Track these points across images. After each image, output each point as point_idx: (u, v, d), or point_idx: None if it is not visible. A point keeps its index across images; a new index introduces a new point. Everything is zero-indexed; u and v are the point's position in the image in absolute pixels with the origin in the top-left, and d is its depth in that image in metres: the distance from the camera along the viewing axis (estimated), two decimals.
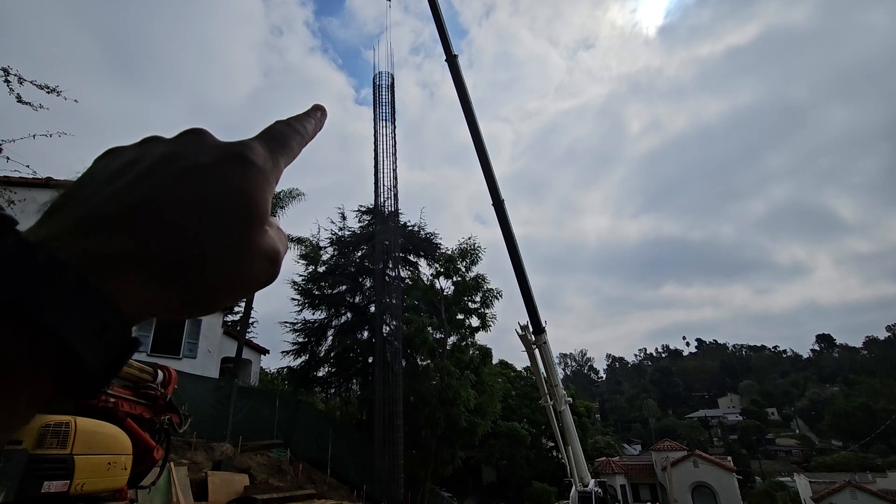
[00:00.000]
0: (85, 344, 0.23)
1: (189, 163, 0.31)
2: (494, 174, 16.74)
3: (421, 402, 19.14)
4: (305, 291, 24.18)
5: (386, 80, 20.48)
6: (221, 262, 0.29)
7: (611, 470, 33.80)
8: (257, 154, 0.33)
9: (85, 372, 0.24)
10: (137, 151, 0.33)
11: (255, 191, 0.32)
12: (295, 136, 0.39)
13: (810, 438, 74.23)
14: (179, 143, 0.33)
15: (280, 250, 0.34)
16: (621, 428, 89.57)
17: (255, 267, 0.32)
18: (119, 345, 0.25)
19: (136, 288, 0.26)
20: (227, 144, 0.34)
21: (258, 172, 0.32)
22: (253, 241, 0.31)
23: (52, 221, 0.28)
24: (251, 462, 14.05)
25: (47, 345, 0.22)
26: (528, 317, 16.69)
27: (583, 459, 17.01)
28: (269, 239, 0.33)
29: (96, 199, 0.29)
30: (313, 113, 0.45)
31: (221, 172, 0.31)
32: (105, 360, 0.24)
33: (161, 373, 5.78)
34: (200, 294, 0.29)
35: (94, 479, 4.49)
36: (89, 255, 0.25)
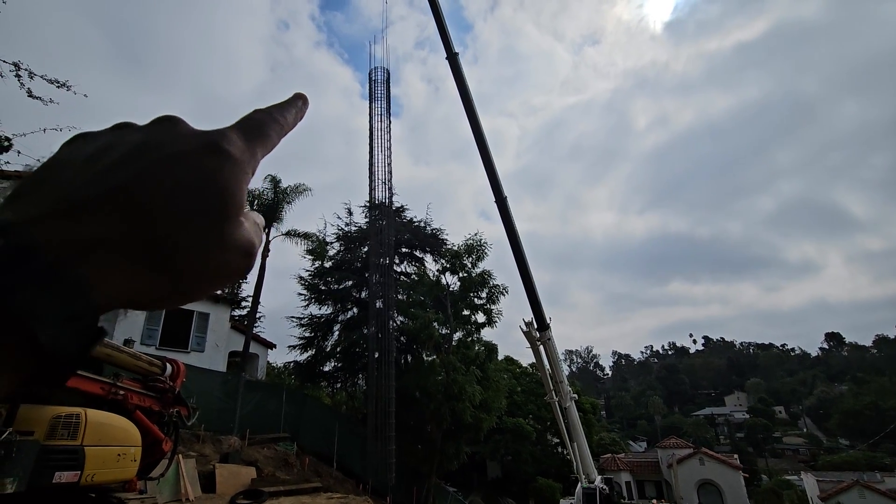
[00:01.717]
0: (53, 332, 0.23)
1: (165, 151, 0.30)
2: (497, 172, 16.69)
3: (426, 397, 19.19)
4: (312, 286, 24.29)
5: (381, 75, 20.53)
6: (196, 252, 0.29)
7: (616, 467, 33.81)
8: (234, 144, 0.33)
9: (53, 360, 0.23)
10: (110, 137, 0.33)
11: (231, 182, 0.31)
12: (274, 126, 0.38)
13: (818, 437, 73.81)
14: (154, 131, 0.33)
15: (255, 242, 0.34)
16: (627, 425, 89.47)
17: (229, 259, 0.31)
18: (88, 333, 0.25)
19: (109, 275, 0.26)
20: (204, 133, 0.33)
21: (234, 163, 0.32)
22: (228, 232, 0.31)
23: (22, 204, 0.27)
24: (258, 455, 14.18)
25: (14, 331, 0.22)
26: (533, 313, 16.66)
27: (589, 456, 16.99)
28: (244, 231, 0.32)
29: (70, 183, 0.28)
30: (294, 102, 0.43)
31: (197, 162, 0.30)
32: (74, 348, 0.24)
33: (170, 366, 5.83)
34: (173, 284, 0.29)
35: (104, 470, 4.55)
36: (62, 239, 0.25)
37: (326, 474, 16.15)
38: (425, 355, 21.29)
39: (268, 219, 20.76)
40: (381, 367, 17.14)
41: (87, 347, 0.25)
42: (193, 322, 18.11)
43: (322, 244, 23.98)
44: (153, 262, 0.28)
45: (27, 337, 0.22)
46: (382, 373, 17.08)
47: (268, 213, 20.79)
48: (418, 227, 25.97)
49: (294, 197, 21.51)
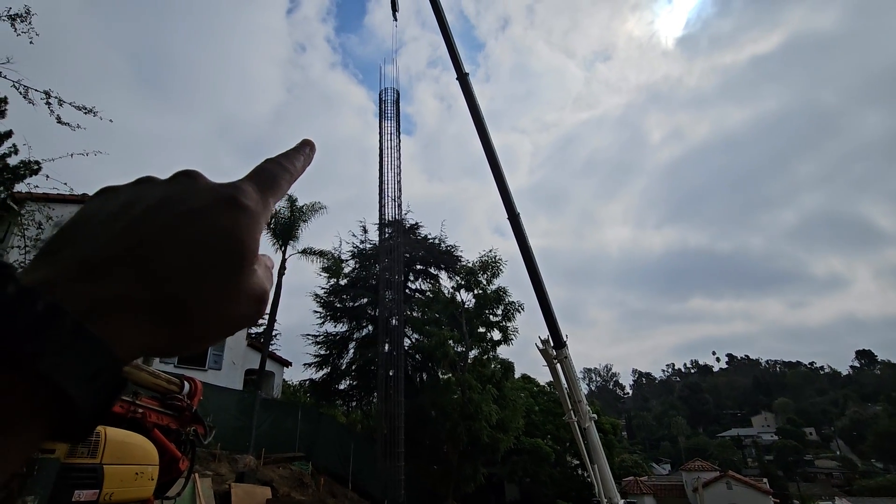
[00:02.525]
0: (79, 389, 0.24)
1: (182, 208, 0.32)
2: (509, 188, 16.74)
3: (442, 416, 18.94)
4: (327, 304, 24.44)
5: (391, 95, 21.11)
6: (213, 304, 0.31)
7: (639, 490, 32.66)
8: (249, 197, 0.34)
9: (78, 415, 0.25)
10: (132, 193, 0.34)
11: (245, 234, 0.32)
12: (284, 175, 0.40)
13: (852, 460, 70.39)
14: (173, 187, 0.34)
15: (267, 289, 0.35)
16: (649, 446, 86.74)
17: (244, 307, 0.33)
18: (111, 387, 0.26)
19: (128, 330, 0.27)
20: (219, 187, 0.34)
21: (249, 216, 0.33)
22: (242, 283, 0.32)
23: (49, 263, 0.29)
24: (273, 474, 14.11)
25: (44, 391, 0.23)
26: (549, 331, 16.42)
27: (610, 478, 16.45)
28: (256, 279, 0.34)
29: (92, 242, 0.30)
30: (302, 149, 0.45)
31: (213, 217, 0.32)
32: (97, 403, 0.25)
33: (187, 384, 5.87)
34: (190, 334, 0.30)
35: (122, 489, 4.56)
36: (85, 299, 0.26)
37: (341, 495, 15.96)
38: (441, 373, 21.10)
39: (284, 237, 21.09)
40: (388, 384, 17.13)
41: (111, 400, 0.26)
42: None
43: (337, 262, 24.21)
44: (170, 317, 0.29)
45: (56, 394, 0.24)
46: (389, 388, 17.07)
47: (284, 231, 21.11)
48: (433, 244, 26.07)
49: (310, 215, 21.83)
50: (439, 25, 17.59)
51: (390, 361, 17.88)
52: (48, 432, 0.25)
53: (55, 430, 0.25)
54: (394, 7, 21.22)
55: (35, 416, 0.24)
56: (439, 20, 17.61)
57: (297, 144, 0.46)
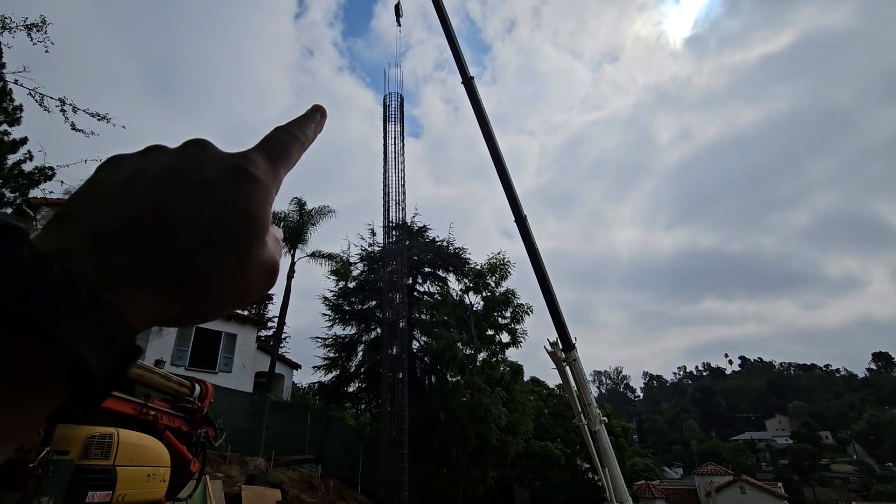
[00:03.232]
0: (95, 355, 0.25)
1: (192, 177, 0.32)
2: (515, 191, 16.71)
3: (451, 419, 18.89)
4: (336, 307, 24.55)
5: (395, 100, 21.27)
6: (224, 274, 0.31)
7: (650, 494, 32.27)
8: (258, 167, 0.34)
9: (94, 381, 0.25)
10: (141, 161, 0.34)
11: (257, 205, 0.32)
12: (294, 144, 0.39)
13: (869, 464, 68.93)
14: (183, 156, 0.34)
15: (277, 260, 0.35)
16: (661, 450, 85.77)
17: (255, 278, 0.33)
18: (125, 354, 0.26)
19: (141, 299, 0.28)
20: (229, 157, 0.34)
21: (259, 186, 0.33)
22: (253, 254, 0.32)
23: (62, 232, 0.29)
24: (283, 477, 14.16)
25: (61, 356, 0.24)
26: (557, 333, 16.33)
27: (622, 482, 16.28)
28: (267, 251, 0.34)
29: (103, 212, 0.30)
30: (312, 115, 0.44)
31: (224, 187, 0.32)
32: (112, 370, 0.26)
33: (198, 387, 5.92)
34: (202, 305, 0.31)
35: (135, 491, 4.60)
36: (99, 268, 0.27)
37: (351, 498, 15.97)
38: (449, 376, 21.06)
39: (293, 241, 21.22)
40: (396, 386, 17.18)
41: (126, 367, 0.27)
42: (221, 343, 18.48)
43: (346, 265, 24.30)
44: (182, 286, 0.29)
45: (73, 361, 0.24)
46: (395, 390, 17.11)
47: (293, 235, 21.25)
48: (441, 246, 26.07)
49: (319, 219, 21.96)
50: (444, 30, 17.64)
51: (397, 364, 17.91)
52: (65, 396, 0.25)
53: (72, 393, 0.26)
54: (398, 12, 21.36)
55: (52, 379, 0.24)
56: (444, 24, 17.67)
57: (308, 110, 0.45)
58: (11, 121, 10.05)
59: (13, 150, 9.96)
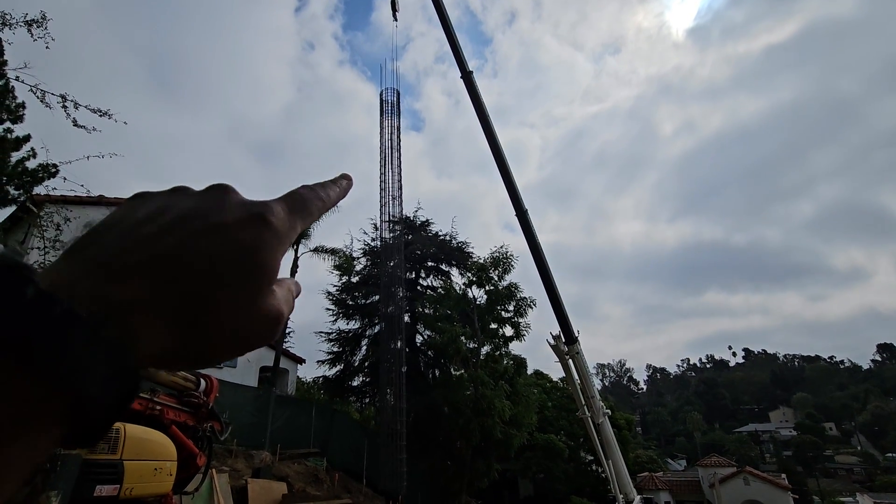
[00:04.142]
0: (94, 392, 0.25)
1: (209, 221, 0.32)
2: (516, 185, 16.67)
3: (455, 412, 18.97)
4: (339, 301, 24.60)
5: (391, 95, 21.17)
6: (228, 318, 0.31)
7: (654, 486, 32.40)
8: (277, 216, 0.34)
9: (92, 418, 0.25)
10: (164, 201, 0.34)
11: (267, 252, 0.33)
12: (317, 203, 0.41)
13: (874, 456, 68.96)
14: (204, 199, 0.34)
15: (284, 312, 0.35)
16: (664, 442, 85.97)
17: (258, 327, 0.33)
18: (125, 391, 0.26)
19: (144, 335, 0.28)
20: (250, 204, 0.35)
21: (273, 234, 0.33)
22: (258, 301, 0.32)
23: (73, 262, 0.30)
24: (289, 470, 14.29)
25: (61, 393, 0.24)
26: (560, 326, 16.36)
27: (626, 474, 16.36)
28: (274, 300, 0.34)
29: (117, 245, 0.30)
30: (339, 181, 0.47)
31: (238, 231, 0.32)
32: (110, 407, 0.26)
33: (204, 381, 5.96)
34: (203, 347, 0.30)
35: (142, 484, 4.65)
36: (102, 303, 0.27)
37: (356, 490, 16.11)
38: (453, 370, 21.12)
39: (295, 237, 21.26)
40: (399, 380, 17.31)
41: (126, 402, 0.27)
42: None
43: (349, 259, 24.31)
44: (185, 326, 0.29)
45: (73, 396, 0.24)
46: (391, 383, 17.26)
47: None
48: (444, 240, 26.04)
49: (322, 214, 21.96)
50: (442, 24, 17.51)
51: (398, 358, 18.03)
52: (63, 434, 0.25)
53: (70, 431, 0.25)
54: (394, 7, 21.16)
55: (51, 417, 0.24)
56: (442, 19, 17.53)
57: (336, 176, 0.47)
58: (14, 118, 10.06)
59: (16, 148, 9.98)
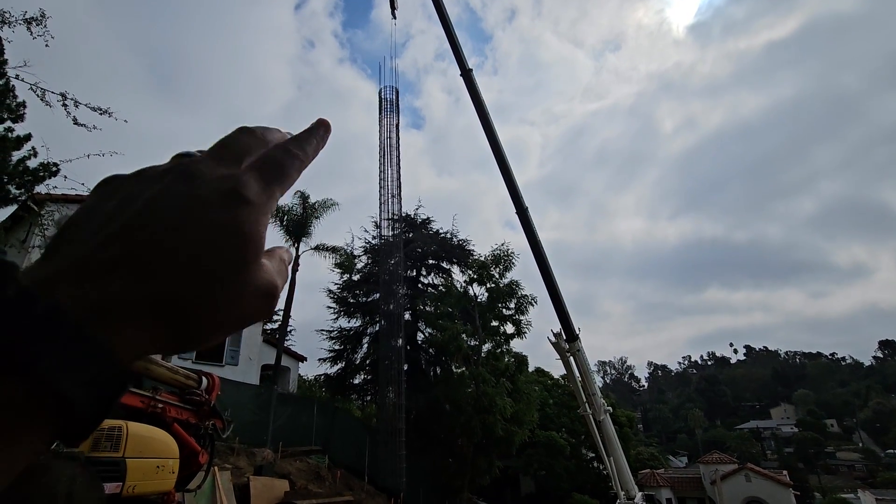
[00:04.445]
0: (79, 392, 0.24)
1: (181, 204, 0.30)
2: (516, 183, 16.68)
3: (456, 409, 19.00)
4: (341, 299, 24.62)
5: (390, 94, 21.18)
6: (216, 302, 0.29)
7: (655, 483, 32.44)
8: (250, 189, 0.32)
9: (79, 418, 0.24)
10: (133, 186, 0.32)
11: (248, 228, 0.31)
12: (293, 163, 0.37)
13: (875, 452, 68.97)
14: (173, 181, 0.32)
15: (277, 283, 0.33)
16: (665, 439, 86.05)
17: (251, 302, 0.31)
18: (111, 390, 0.26)
19: (129, 331, 0.27)
20: (220, 179, 0.32)
21: (251, 209, 0.32)
22: (248, 279, 0.31)
23: (51, 263, 0.28)
24: (291, 468, 14.33)
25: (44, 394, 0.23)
26: (561, 324, 16.37)
27: (627, 471, 16.39)
28: (264, 274, 0.32)
29: (91, 241, 0.29)
30: (315, 131, 0.42)
31: (214, 212, 0.30)
32: (98, 406, 0.25)
33: (205, 379, 5.97)
34: (194, 333, 0.29)
35: (145, 482, 4.66)
36: (84, 300, 0.26)
37: (358, 488, 16.15)
38: (454, 367, 21.14)
39: (297, 234, 21.25)
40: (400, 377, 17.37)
41: (111, 402, 0.26)
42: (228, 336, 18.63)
43: (350, 257, 24.32)
44: (172, 316, 0.28)
45: (57, 398, 0.23)
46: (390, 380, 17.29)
47: (297, 228, 21.28)
48: (444, 238, 26.03)
49: (322, 212, 21.95)
50: (441, 22, 17.48)
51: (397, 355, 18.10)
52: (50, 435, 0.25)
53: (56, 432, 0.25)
54: (392, 5, 21.09)
55: (36, 418, 0.24)
56: (441, 16, 17.49)
57: (311, 125, 0.43)
58: (15, 117, 10.06)
59: (18, 147, 9.98)
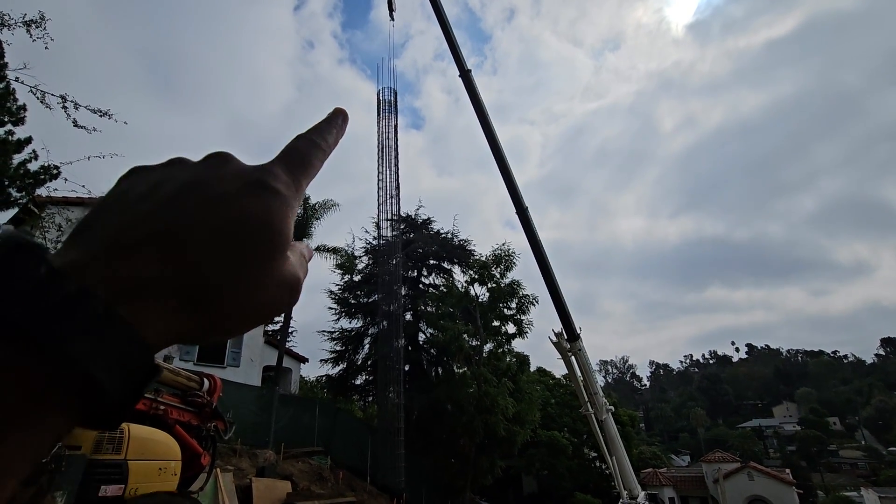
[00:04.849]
0: (108, 374, 0.24)
1: (213, 191, 0.31)
2: (516, 183, 16.65)
3: (458, 409, 18.98)
4: (342, 300, 24.61)
5: (388, 95, 21.17)
6: (243, 290, 0.30)
7: (658, 482, 32.40)
8: (279, 180, 0.33)
9: (108, 401, 0.24)
10: (162, 174, 0.33)
11: (277, 219, 0.31)
12: (317, 153, 0.38)
13: (878, 450, 68.82)
14: (204, 169, 0.33)
15: (300, 277, 0.34)
16: (668, 438, 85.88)
17: (275, 295, 0.32)
18: (142, 373, 0.25)
19: (158, 315, 0.27)
20: (250, 171, 0.33)
21: (280, 200, 0.32)
22: (274, 269, 0.31)
23: (80, 244, 0.29)
24: (293, 469, 14.31)
25: (73, 376, 0.23)
26: (562, 323, 16.33)
27: (630, 470, 16.35)
28: (289, 266, 0.33)
29: (121, 223, 0.29)
30: (334, 120, 0.42)
31: (244, 201, 0.31)
32: (127, 389, 0.25)
33: (207, 381, 5.96)
34: (220, 321, 0.30)
35: (147, 484, 4.65)
36: (115, 282, 0.26)
37: (360, 489, 16.13)
38: (456, 367, 21.12)
39: (298, 235, 21.11)
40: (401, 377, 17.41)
41: (142, 387, 0.26)
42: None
43: (351, 258, 24.32)
44: (199, 303, 0.28)
45: (86, 381, 0.23)
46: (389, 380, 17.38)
47: (298, 229, 21.27)
48: (445, 238, 26.01)
49: (323, 213, 21.97)
50: (439, 23, 17.49)
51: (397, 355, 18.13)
52: (77, 418, 0.24)
53: (85, 416, 0.24)
54: (390, 7, 21.11)
55: (63, 401, 0.23)
56: (439, 17, 17.50)
57: (329, 115, 0.42)
58: (16, 120, 10.06)
59: (18, 150, 9.98)
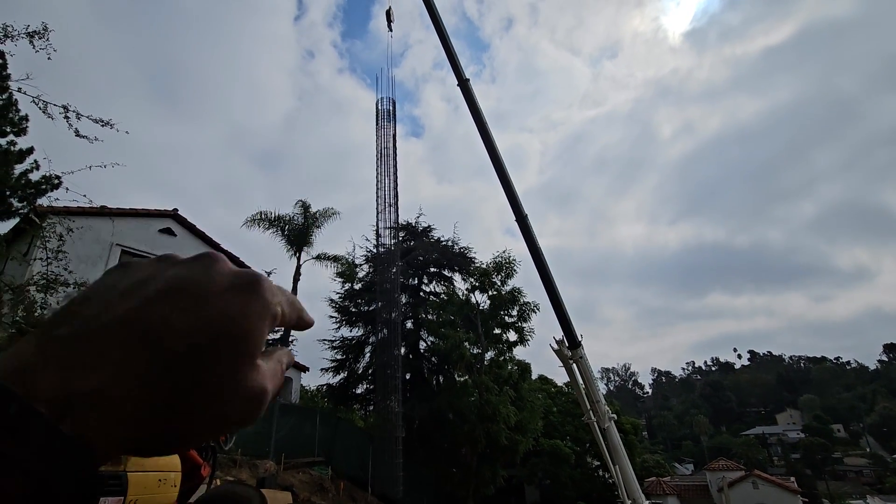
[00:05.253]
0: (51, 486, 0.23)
1: (195, 291, 0.30)
2: (515, 191, 16.67)
3: (460, 418, 18.86)
4: (342, 309, 24.56)
5: (387, 105, 21.38)
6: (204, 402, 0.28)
7: (662, 491, 32.10)
8: (267, 284, 0.33)
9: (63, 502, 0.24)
10: (149, 271, 0.32)
11: (252, 321, 0.30)
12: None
13: (883, 457, 68.23)
14: (191, 268, 0.32)
15: (268, 389, 0.31)
16: (671, 446, 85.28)
17: (239, 406, 0.30)
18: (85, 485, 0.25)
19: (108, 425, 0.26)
20: (240, 272, 0.33)
21: (262, 304, 0.31)
22: (240, 378, 0.30)
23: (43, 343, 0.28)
24: (294, 480, 14.19)
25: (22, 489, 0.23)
26: (563, 331, 16.26)
27: (633, 479, 16.16)
28: (257, 376, 0.31)
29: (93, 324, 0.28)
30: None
31: (225, 299, 0.30)
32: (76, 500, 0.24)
33: None
34: (174, 434, 0.28)
35: (146, 496, 4.59)
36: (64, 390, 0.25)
37: (361, 499, 15.98)
38: (457, 376, 21.03)
39: (298, 243, 21.28)
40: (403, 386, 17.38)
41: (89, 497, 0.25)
42: None
43: (351, 266, 24.32)
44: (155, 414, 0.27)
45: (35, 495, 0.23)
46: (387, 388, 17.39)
47: (298, 237, 21.32)
48: (446, 246, 26.02)
49: (323, 221, 22.02)
50: (437, 33, 17.62)
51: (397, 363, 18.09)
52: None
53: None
54: (389, 18, 21.36)
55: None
56: (437, 27, 17.64)
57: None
58: (18, 131, 10.11)
59: (20, 160, 10.02)
